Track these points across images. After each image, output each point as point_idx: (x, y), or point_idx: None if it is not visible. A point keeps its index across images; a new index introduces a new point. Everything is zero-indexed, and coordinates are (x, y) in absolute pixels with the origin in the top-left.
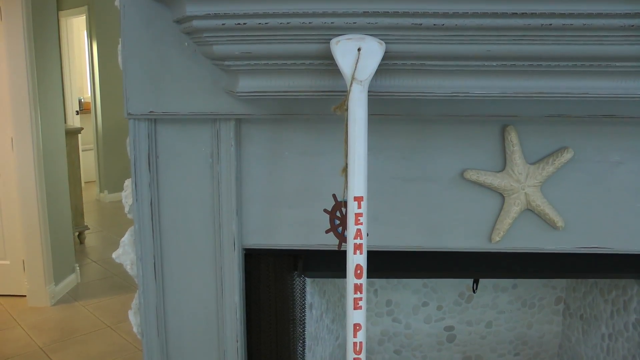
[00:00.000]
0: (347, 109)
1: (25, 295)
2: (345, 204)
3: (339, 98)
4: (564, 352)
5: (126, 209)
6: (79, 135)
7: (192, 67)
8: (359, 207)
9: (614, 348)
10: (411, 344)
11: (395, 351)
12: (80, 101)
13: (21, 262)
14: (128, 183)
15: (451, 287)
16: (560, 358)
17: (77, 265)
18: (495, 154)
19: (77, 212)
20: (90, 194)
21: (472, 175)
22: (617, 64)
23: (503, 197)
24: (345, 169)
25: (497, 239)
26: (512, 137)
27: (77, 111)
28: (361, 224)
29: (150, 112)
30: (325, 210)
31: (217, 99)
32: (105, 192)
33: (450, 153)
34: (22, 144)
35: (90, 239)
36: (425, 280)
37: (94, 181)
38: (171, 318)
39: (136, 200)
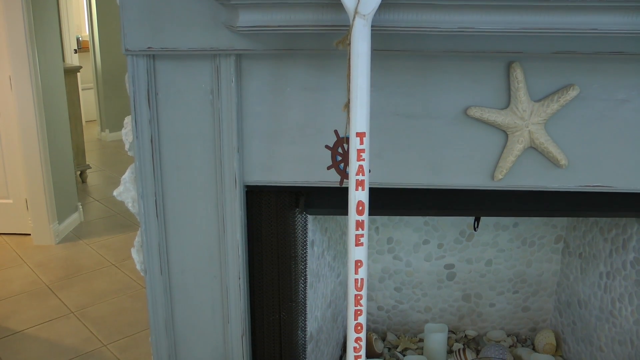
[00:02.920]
0: (349, 44)
1: (29, 234)
2: (347, 140)
3: (342, 33)
4: (561, 290)
5: (126, 146)
6: (78, 74)
7: (190, 1)
8: (361, 143)
9: (611, 286)
10: (411, 282)
11: (396, 288)
12: (78, 39)
13: (24, 201)
14: (128, 120)
15: (452, 226)
16: (558, 296)
17: (79, 204)
18: (499, 91)
19: (79, 151)
20: (92, 133)
21: (475, 112)
22: None
23: (506, 135)
24: (347, 105)
25: (500, 176)
26: (518, 73)
27: (75, 50)
28: (363, 160)
29: (149, 48)
30: (327, 147)
31: (216, 34)
32: (107, 131)
33: (454, 90)
34: (21, 83)
35: (92, 177)
36: (427, 218)
37: (95, 120)
38: (173, 255)
39: (136, 137)
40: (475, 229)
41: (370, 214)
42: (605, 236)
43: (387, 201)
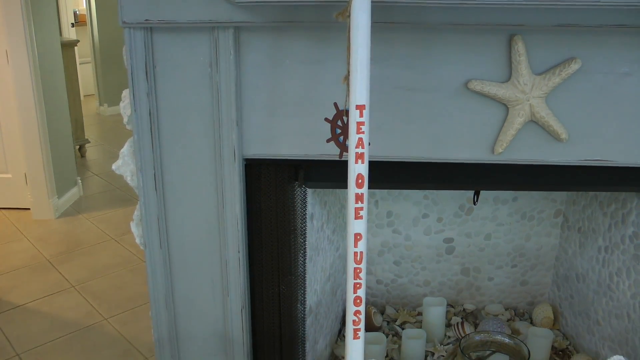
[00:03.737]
0: (349, 16)
1: (29, 209)
2: (346, 112)
3: (342, 5)
4: (560, 264)
5: (125, 120)
6: (76, 47)
7: None
8: (361, 115)
9: (609, 260)
10: (411, 255)
11: (395, 262)
12: (75, 13)
13: (23, 176)
14: (126, 94)
15: (451, 200)
16: (556, 270)
17: (79, 178)
18: (500, 64)
19: (78, 126)
20: (90, 107)
21: (476, 85)
22: None
23: (507, 108)
24: (347, 77)
25: (500, 150)
26: (519, 46)
27: (72, 23)
28: (363, 133)
29: (146, 20)
30: (326, 119)
31: (215, 7)
32: (105, 105)
33: (454, 63)
34: (18, 57)
35: (91, 152)
36: (426, 192)
37: (93, 94)
38: (173, 229)
39: (134, 110)
40: (474, 203)
41: (369, 187)
42: (604, 210)
43: (386, 174)
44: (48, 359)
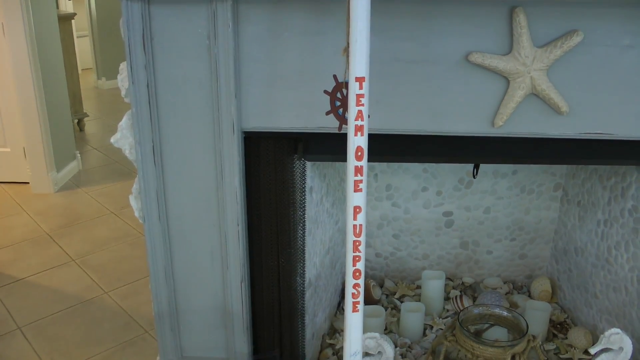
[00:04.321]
0: None
1: (28, 182)
2: (346, 84)
3: None
4: (559, 237)
5: (122, 93)
6: (73, 20)
7: None
8: (361, 87)
9: (608, 234)
10: (410, 229)
11: (394, 235)
12: None
13: (22, 150)
14: (123, 66)
15: (451, 173)
16: (555, 243)
17: (77, 152)
18: (501, 37)
19: (76, 99)
20: (88, 81)
21: (477, 57)
22: None
23: (508, 81)
24: (346, 49)
25: (500, 123)
26: (521, 19)
27: None
28: (362, 105)
29: None
30: (325, 92)
31: None
32: (103, 79)
33: (455, 35)
34: (14, 30)
35: (89, 126)
36: (426, 165)
37: (91, 68)
38: (171, 202)
39: (132, 83)
40: (474, 177)
41: (369, 160)
42: (604, 184)
43: (386, 147)
44: (49, 331)
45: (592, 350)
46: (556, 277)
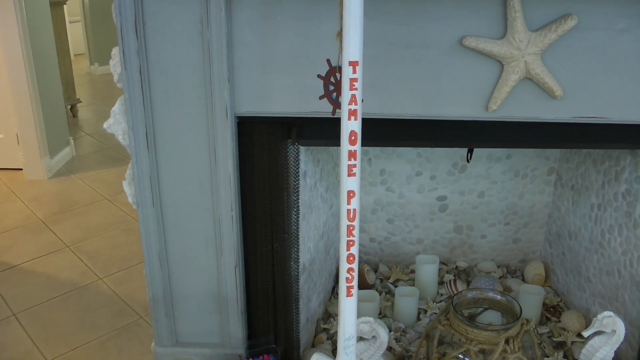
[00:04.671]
0: None
1: (21, 169)
2: (339, 69)
3: None
4: (552, 221)
5: (115, 78)
6: (65, 6)
7: None
8: (354, 72)
9: (602, 217)
10: (404, 213)
11: (388, 220)
12: None
13: (15, 136)
14: (116, 51)
15: (445, 158)
16: (548, 227)
17: (71, 138)
18: (496, 21)
19: (68, 85)
20: (81, 67)
21: (471, 42)
22: None
23: (502, 65)
24: (340, 33)
25: (494, 107)
26: (515, 2)
27: None
28: (356, 89)
29: None
30: (319, 76)
31: None
32: (96, 64)
33: (449, 19)
34: (5, 15)
35: (83, 112)
36: (420, 150)
37: (83, 54)
38: (165, 188)
39: (124, 68)
40: (468, 161)
41: (362, 144)
42: (597, 168)
43: (379, 132)
44: (44, 318)
45: (585, 333)
46: (550, 261)
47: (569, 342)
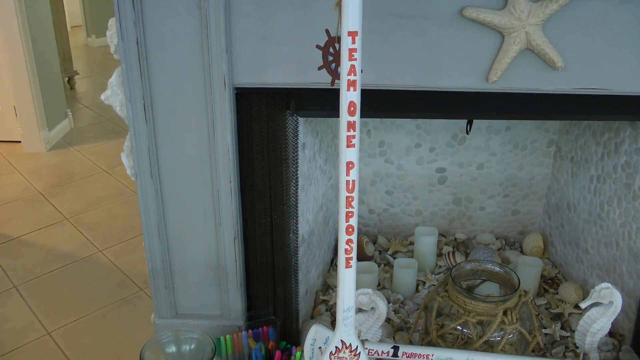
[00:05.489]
0: None
1: (20, 141)
2: (338, 39)
3: None
4: (551, 193)
5: (112, 49)
6: None
7: None
8: (353, 42)
9: (601, 189)
10: (403, 185)
11: (387, 192)
12: None
13: (12, 108)
14: (112, 22)
15: (444, 129)
16: (547, 199)
17: (69, 110)
18: None
19: (65, 57)
20: (78, 39)
21: (471, 12)
22: None
23: (502, 36)
24: (339, 3)
25: (495, 78)
26: None
27: None
28: (355, 60)
29: None
30: (317, 46)
31: None
32: (93, 36)
33: None
34: None
35: (80, 84)
36: (419, 121)
37: (80, 26)
38: (163, 159)
39: (121, 39)
40: (467, 133)
41: (361, 115)
42: (597, 140)
43: (379, 103)
44: (45, 290)
45: (583, 305)
46: (548, 233)
47: (567, 313)
